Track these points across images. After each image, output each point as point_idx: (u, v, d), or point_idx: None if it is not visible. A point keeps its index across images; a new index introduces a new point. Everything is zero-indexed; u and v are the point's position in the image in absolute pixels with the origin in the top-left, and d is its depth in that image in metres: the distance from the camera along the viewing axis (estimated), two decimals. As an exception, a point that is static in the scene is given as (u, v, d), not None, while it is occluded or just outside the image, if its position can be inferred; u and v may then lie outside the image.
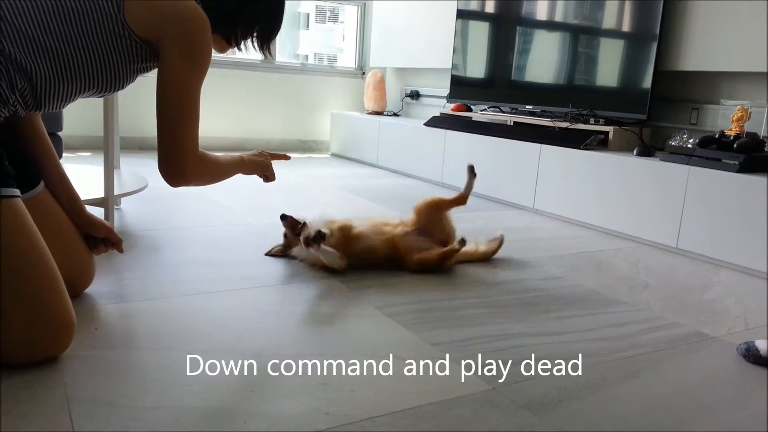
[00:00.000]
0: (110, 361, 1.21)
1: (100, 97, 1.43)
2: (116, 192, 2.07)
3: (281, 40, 5.06)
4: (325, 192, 3.30)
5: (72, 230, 1.47)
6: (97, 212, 2.02)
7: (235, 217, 2.51)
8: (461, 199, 2.06)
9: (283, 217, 1.91)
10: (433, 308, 1.62)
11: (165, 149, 1.34)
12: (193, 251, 1.99)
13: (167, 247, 2.02)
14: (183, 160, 1.35)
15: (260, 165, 1.66)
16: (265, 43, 1.50)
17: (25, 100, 1.25)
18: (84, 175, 2.47)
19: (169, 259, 1.89)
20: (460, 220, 2.76)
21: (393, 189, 3.50)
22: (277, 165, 1.72)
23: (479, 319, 1.56)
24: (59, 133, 2.89)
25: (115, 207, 2.34)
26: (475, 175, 2.07)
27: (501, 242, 2.15)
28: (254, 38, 1.47)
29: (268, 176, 1.70)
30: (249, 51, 1.51)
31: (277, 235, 2.24)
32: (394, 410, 1.09)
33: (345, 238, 1.83)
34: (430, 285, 1.79)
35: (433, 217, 2.01)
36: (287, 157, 1.78)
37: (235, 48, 1.49)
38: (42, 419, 0.99)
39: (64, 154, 3.02)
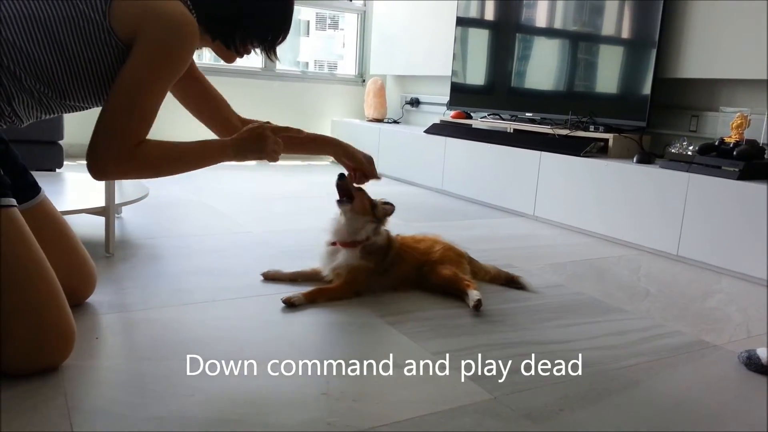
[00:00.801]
0: (111, 371, 1.21)
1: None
2: (117, 201, 2.07)
3: (281, 47, 5.08)
4: (326, 199, 3.29)
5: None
6: (98, 221, 2.02)
7: (235, 225, 2.51)
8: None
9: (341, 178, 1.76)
10: (434, 317, 1.62)
11: (95, 135, 1.21)
12: (194, 260, 1.99)
13: (168, 255, 2.02)
14: (107, 150, 1.21)
15: (254, 146, 1.38)
16: (271, 48, 1.43)
17: (26, 110, 1.25)
18: (85, 184, 2.47)
19: (169, 268, 1.89)
20: (460, 228, 2.77)
21: (393, 196, 3.48)
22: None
23: (480, 328, 1.56)
24: (60, 142, 2.91)
25: (116, 215, 2.35)
26: None
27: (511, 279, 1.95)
28: (257, 43, 1.41)
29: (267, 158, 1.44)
30: (252, 55, 1.46)
31: (279, 244, 2.24)
32: (395, 420, 1.08)
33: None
34: (430, 294, 1.79)
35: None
36: (300, 132, 1.53)
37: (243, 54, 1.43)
38: (43, 430, 0.99)
39: (65, 163, 3.03)
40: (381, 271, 1.77)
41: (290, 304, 1.62)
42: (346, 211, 1.76)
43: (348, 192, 1.76)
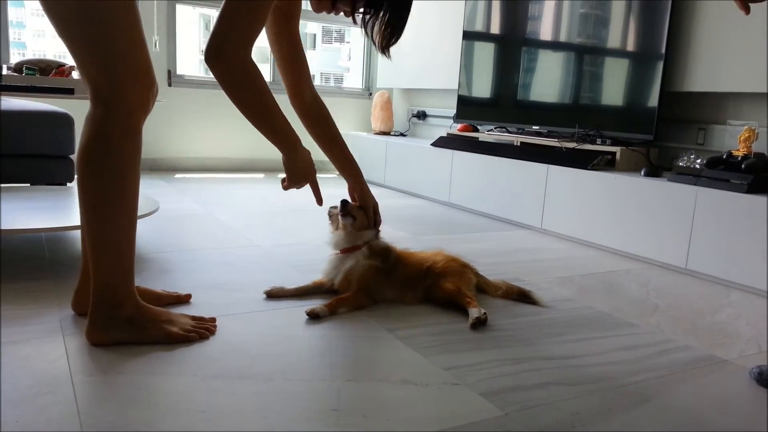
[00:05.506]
0: (123, 386, 1.21)
1: None
2: (127, 215, 2.09)
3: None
4: (333, 212, 3.31)
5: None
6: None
7: (244, 239, 2.52)
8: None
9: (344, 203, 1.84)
10: (444, 331, 1.62)
11: (213, 30, 1.32)
12: (204, 274, 2.00)
13: (178, 270, 2.03)
14: (225, 42, 1.32)
15: (301, 170, 1.55)
16: (386, 39, 1.42)
17: None
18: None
19: (179, 282, 1.90)
20: (467, 241, 2.77)
21: (400, 210, 3.51)
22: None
23: (489, 343, 1.56)
24: (71, 156, 2.93)
25: (126, 229, 2.36)
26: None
27: (519, 292, 1.95)
28: (370, 26, 1.42)
29: (288, 183, 1.58)
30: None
31: (287, 258, 2.25)
32: (406, 437, 1.09)
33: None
34: (439, 308, 1.79)
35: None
36: (319, 201, 1.72)
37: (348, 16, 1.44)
38: (57, 446, 0.99)
39: (75, 177, 3.05)
40: (387, 272, 1.81)
41: (315, 316, 1.65)
42: (347, 226, 1.82)
43: (350, 213, 1.82)
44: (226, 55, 1.34)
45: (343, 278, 1.79)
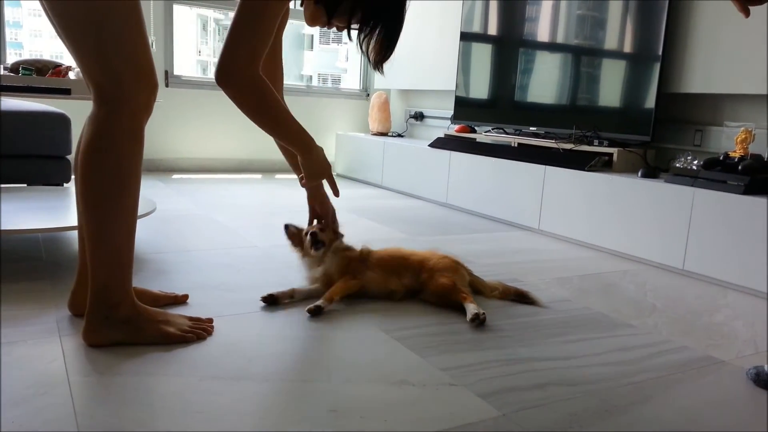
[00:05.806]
0: (120, 387, 1.21)
1: None
2: (124, 215, 2.08)
3: (286, 62, 5.11)
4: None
5: None
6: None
7: (241, 240, 2.52)
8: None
9: (286, 227, 1.94)
10: (441, 332, 1.62)
11: (222, 49, 1.36)
12: (201, 275, 1.99)
13: (175, 270, 2.02)
14: (231, 64, 1.35)
15: (320, 168, 1.63)
16: (379, 55, 1.47)
17: None
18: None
19: (176, 283, 1.90)
20: (464, 241, 2.77)
21: (398, 210, 3.51)
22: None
23: (487, 344, 1.56)
24: (68, 157, 2.93)
25: (123, 230, 2.35)
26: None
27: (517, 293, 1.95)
28: (365, 43, 1.45)
29: (306, 181, 1.66)
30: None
31: (284, 258, 2.25)
32: (404, 437, 1.08)
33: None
34: (436, 308, 1.79)
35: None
36: (336, 194, 1.82)
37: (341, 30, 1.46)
38: (53, 447, 0.99)
39: (72, 177, 3.05)
40: (361, 258, 1.86)
41: (316, 309, 1.67)
42: (320, 254, 1.86)
43: (321, 242, 1.86)
44: (236, 78, 1.36)
45: (324, 277, 1.82)
